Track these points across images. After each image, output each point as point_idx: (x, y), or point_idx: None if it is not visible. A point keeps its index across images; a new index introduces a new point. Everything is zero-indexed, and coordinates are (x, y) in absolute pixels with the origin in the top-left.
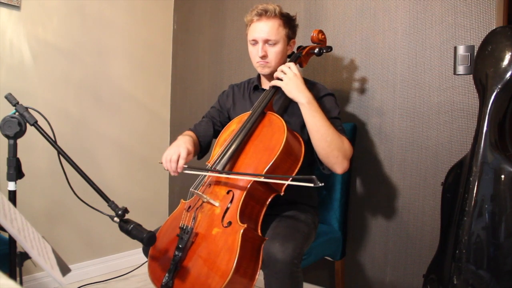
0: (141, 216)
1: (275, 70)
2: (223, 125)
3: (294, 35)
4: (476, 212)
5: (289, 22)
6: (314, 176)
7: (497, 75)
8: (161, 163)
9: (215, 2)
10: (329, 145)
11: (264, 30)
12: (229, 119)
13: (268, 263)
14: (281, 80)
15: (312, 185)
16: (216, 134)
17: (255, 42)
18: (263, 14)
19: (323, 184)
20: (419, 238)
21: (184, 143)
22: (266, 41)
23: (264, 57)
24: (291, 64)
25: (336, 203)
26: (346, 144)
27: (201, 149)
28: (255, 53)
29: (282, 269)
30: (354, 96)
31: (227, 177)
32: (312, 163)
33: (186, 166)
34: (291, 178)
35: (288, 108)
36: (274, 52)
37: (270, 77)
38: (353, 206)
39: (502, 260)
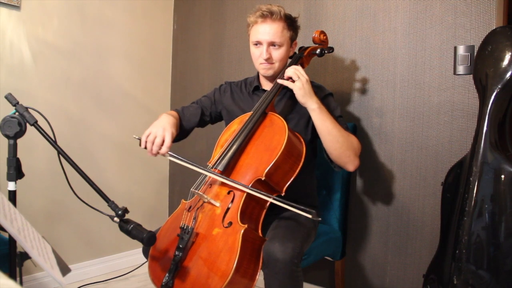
0: (141, 216)
1: (278, 72)
2: (211, 116)
3: (296, 36)
4: (476, 212)
5: (292, 24)
6: (314, 211)
7: (497, 75)
8: (137, 138)
9: (215, 2)
10: (341, 146)
11: (269, 32)
12: (221, 115)
13: (268, 263)
14: (293, 81)
15: (310, 216)
16: (201, 123)
17: (259, 44)
18: (268, 16)
19: (320, 219)
20: (419, 238)
21: (169, 126)
22: (270, 44)
23: (268, 59)
24: (300, 69)
25: (336, 203)
26: (355, 142)
27: (180, 132)
28: (258, 54)
29: (282, 269)
30: (354, 96)
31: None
32: (313, 160)
33: (169, 153)
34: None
35: (291, 109)
36: (278, 54)
37: (271, 78)
38: (353, 206)
39: (502, 260)
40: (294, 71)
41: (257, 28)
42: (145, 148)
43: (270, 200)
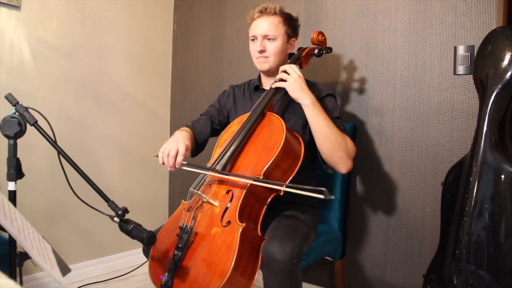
0: (141, 216)
1: (274, 67)
2: (221, 124)
3: (295, 34)
4: (476, 212)
5: (289, 20)
6: (324, 188)
7: (497, 75)
8: (157, 156)
9: (215, 2)
10: (333, 145)
11: (263, 26)
12: (229, 119)
13: (267, 263)
14: (285, 81)
15: (322, 197)
16: (213, 132)
17: (254, 38)
18: (263, 11)
19: (333, 197)
20: (419, 238)
21: (182, 139)
22: (265, 37)
23: (262, 51)
24: (293, 66)
25: (336, 203)
26: (349, 144)
27: (196, 146)
28: (254, 49)
29: (281, 269)
30: (354, 96)
31: (226, 177)
32: (313, 162)
33: (185, 162)
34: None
35: (289, 109)
36: (272, 47)
37: (270, 76)
38: (353, 206)
39: (502, 260)
40: (283, 68)
41: (253, 23)
42: (163, 163)
43: (276, 187)
